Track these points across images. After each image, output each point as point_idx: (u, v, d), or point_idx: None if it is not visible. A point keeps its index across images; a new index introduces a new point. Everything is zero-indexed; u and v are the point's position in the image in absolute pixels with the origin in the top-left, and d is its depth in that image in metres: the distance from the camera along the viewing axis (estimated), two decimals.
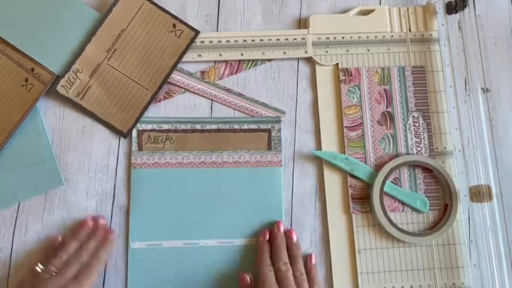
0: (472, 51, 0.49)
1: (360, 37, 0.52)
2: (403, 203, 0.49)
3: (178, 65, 0.50)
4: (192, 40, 0.50)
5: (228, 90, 0.50)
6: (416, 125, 0.50)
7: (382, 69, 0.51)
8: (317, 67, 0.52)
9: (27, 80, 0.48)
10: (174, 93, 0.50)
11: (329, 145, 0.50)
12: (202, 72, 0.51)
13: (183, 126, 0.50)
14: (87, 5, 0.50)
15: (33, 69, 0.48)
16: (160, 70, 0.50)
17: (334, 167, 0.49)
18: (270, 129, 0.50)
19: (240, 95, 0.50)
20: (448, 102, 0.51)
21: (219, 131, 0.50)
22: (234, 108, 0.50)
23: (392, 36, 0.52)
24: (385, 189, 0.48)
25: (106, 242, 0.45)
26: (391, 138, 0.50)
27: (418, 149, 0.50)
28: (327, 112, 0.51)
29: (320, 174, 0.50)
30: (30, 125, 0.48)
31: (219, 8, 0.53)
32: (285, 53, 0.51)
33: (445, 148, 0.50)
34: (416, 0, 0.54)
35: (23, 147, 0.48)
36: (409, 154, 0.50)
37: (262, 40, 0.51)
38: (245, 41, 0.51)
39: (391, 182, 0.49)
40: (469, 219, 0.49)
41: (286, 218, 0.48)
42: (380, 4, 0.54)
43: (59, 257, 0.42)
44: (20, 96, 0.48)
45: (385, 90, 0.51)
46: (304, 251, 0.48)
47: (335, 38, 0.52)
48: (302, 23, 0.53)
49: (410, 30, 0.52)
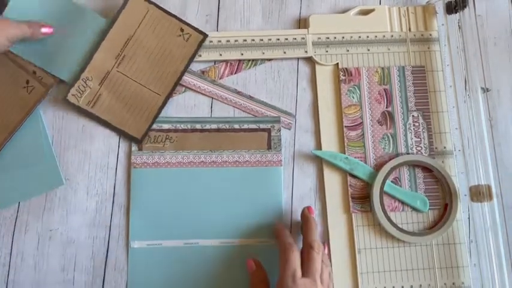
0: (472, 51, 0.49)
1: (360, 37, 0.52)
2: (403, 203, 0.49)
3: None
4: (201, 43, 0.50)
5: (238, 93, 0.50)
6: (416, 124, 0.50)
7: (382, 69, 0.51)
8: (317, 67, 0.52)
9: (28, 82, 0.48)
10: (175, 93, 0.50)
11: (329, 145, 0.50)
12: (202, 72, 0.51)
13: (183, 126, 0.50)
14: (94, 11, 0.50)
15: (34, 72, 0.48)
16: (171, 74, 0.49)
17: (334, 166, 0.49)
18: (269, 129, 0.50)
19: (250, 97, 0.50)
20: (448, 102, 0.51)
21: (219, 130, 0.50)
22: (244, 111, 0.50)
23: (392, 36, 0.52)
24: (385, 188, 0.48)
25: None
26: (391, 137, 0.50)
27: (418, 148, 0.50)
28: (327, 112, 0.51)
29: (320, 174, 0.50)
30: (30, 125, 0.48)
31: (219, 7, 0.53)
32: (285, 52, 0.51)
33: (445, 148, 0.50)
34: (416, 0, 0.54)
35: (23, 147, 0.48)
36: (409, 154, 0.50)
37: (262, 40, 0.51)
38: (245, 40, 0.51)
39: (391, 181, 0.49)
40: (469, 219, 0.49)
41: (286, 217, 0.48)
42: (380, 4, 0.54)
43: None
44: (20, 98, 0.48)
45: (385, 89, 0.51)
46: None
47: (335, 37, 0.52)
48: (302, 23, 0.53)
49: (410, 30, 0.52)
